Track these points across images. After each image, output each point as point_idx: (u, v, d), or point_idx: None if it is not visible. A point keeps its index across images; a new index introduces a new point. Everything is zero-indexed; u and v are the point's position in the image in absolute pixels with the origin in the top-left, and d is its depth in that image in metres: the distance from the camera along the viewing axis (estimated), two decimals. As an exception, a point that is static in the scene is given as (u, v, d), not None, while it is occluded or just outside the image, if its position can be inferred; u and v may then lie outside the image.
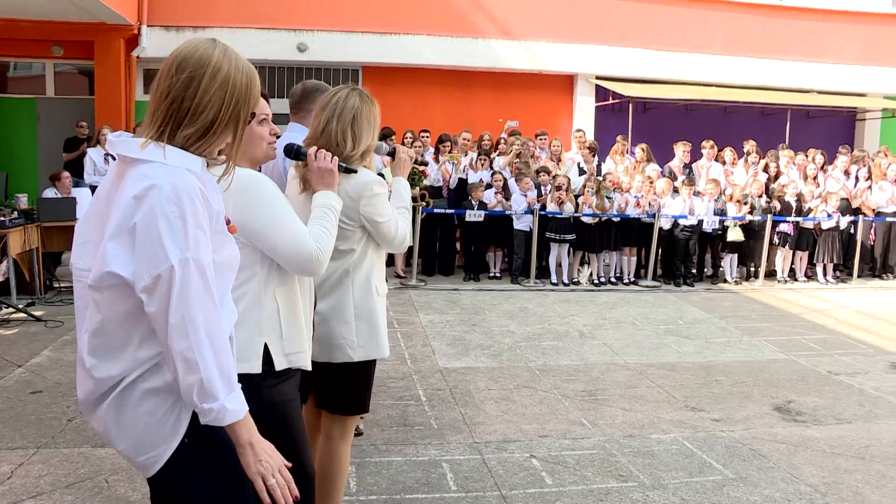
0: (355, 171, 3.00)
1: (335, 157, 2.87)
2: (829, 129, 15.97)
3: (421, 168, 10.07)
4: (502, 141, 11.71)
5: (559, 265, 10.61)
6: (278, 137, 2.75)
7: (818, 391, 6.22)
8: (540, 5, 13.93)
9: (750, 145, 12.28)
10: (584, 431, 5.08)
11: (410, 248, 10.20)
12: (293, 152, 2.95)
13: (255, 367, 2.46)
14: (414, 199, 9.98)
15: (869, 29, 15.84)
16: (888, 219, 11.87)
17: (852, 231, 11.80)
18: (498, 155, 11.39)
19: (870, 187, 12.04)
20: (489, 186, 10.70)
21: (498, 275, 10.83)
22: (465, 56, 13.66)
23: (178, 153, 1.87)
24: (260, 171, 2.81)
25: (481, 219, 10.28)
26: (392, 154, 3.45)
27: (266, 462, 1.90)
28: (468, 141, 11.31)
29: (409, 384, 5.96)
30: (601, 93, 14.28)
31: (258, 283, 2.49)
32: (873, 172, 12.18)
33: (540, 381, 6.17)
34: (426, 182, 10.42)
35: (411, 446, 4.72)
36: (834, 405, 5.88)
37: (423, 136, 11.22)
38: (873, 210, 11.99)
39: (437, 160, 11.05)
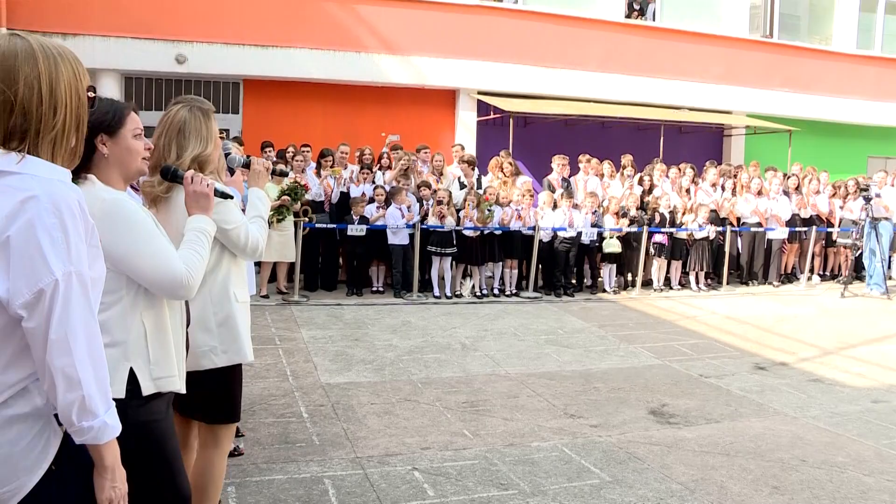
0: (231, 197, 3.02)
1: (211, 182, 2.82)
2: (699, 143, 16.75)
3: (303, 182, 9.97)
4: (384, 155, 11.70)
5: (441, 278, 10.67)
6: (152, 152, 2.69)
7: (690, 394, 6.46)
8: (423, 21, 14.05)
9: (626, 159, 12.72)
10: (466, 442, 5.10)
11: (292, 264, 10.06)
12: (169, 174, 2.92)
13: (118, 393, 2.35)
14: (296, 215, 9.86)
15: (731, 52, 16.75)
16: (752, 229, 12.53)
17: (721, 241, 12.37)
18: (380, 169, 11.37)
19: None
20: (371, 200, 10.66)
21: (381, 289, 10.80)
22: (347, 70, 13.58)
23: (46, 164, 1.78)
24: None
25: (363, 233, 10.23)
26: (247, 165, 3.53)
27: (118, 489, 1.84)
28: (345, 155, 11.23)
29: (291, 401, 5.85)
30: (483, 107, 14.49)
31: (123, 307, 2.41)
32: (738, 185, 12.84)
33: (422, 393, 6.17)
34: (308, 196, 10.29)
35: (293, 464, 4.63)
36: (704, 406, 6.12)
37: (304, 151, 11.07)
38: (738, 220, 12.63)
39: (318, 175, 10.93)
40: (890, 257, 13.19)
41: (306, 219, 10.06)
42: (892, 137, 19.63)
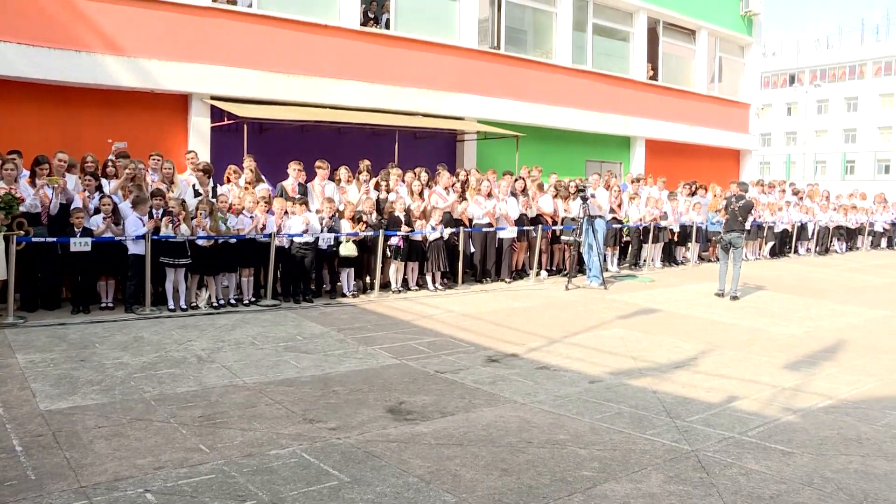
0: None
1: None
2: (434, 148, 17.47)
3: (17, 195, 9.13)
4: (110, 163, 11.01)
5: (176, 290, 10.24)
6: None
7: (426, 390, 6.73)
8: (151, 21, 13.36)
9: (362, 164, 12.94)
10: (202, 457, 4.96)
11: (5, 283, 9.15)
12: None
13: None
14: (9, 228, 9.01)
15: (463, 62, 17.67)
16: (483, 229, 13.27)
17: (455, 242, 12.97)
18: (105, 177, 10.70)
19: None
20: (97, 211, 10.00)
21: (110, 304, 10.15)
22: (66, 70, 12.51)
23: None
24: None
25: (88, 247, 9.56)
26: None
27: None
28: (64, 162, 10.37)
29: (1, 435, 5.33)
30: (217, 113, 14.07)
31: None
32: (469, 188, 13.55)
33: (156, 411, 5.90)
34: (22, 208, 9.42)
35: (0, 507, 4.23)
36: (440, 401, 6.41)
37: (11, 158, 10.03)
38: (471, 221, 13.33)
39: (33, 184, 10.01)
40: (605, 251, 14.57)
41: (21, 232, 9.21)
42: (605, 143, 21.77)
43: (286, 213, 11.02)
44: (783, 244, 20.46)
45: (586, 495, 4.52)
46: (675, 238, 17.28)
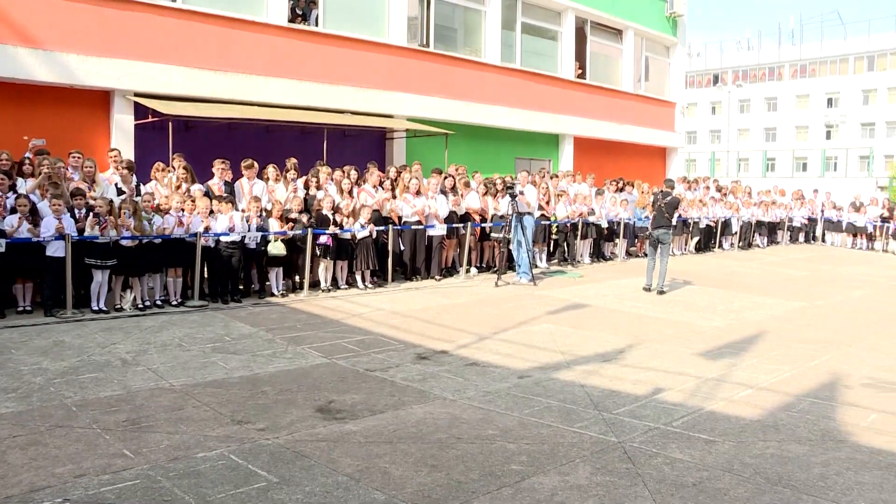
0: None
1: None
2: (363, 146, 17.38)
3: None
4: (27, 161, 10.64)
5: (100, 292, 9.95)
6: None
7: (356, 389, 6.70)
8: (69, 13, 12.91)
9: (290, 162, 12.80)
10: (127, 463, 4.84)
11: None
12: None
13: None
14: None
15: (392, 59, 17.62)
16: (413, 227, 13.26)
17: (385, 240, 12.93)
18: (21, 176, 10.34)
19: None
20: (13, 211, 9.65)
21: (28, 308, 9.79)
22: (-26, 63, 12.06)
23: None
24: None
25: (2, 248, 9.19)
26: None
27: None
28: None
29: None
30: (141, 110, 13.72)
31: None
32: (399, 186, 13.53)
33: (77, 417, 5.73)
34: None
35: None
36: (369, 399, 6.39)
37: None
38: (400, 219, 13.31)
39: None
40: (534, 248, 14.71)
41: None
42: (535, 141, 21.99)
43: (212, 212, 10.81)
44: (708, 239, 21.00)
45: (515, 489, 4.56)
46: (604, 234, 17.56)
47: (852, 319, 10.99)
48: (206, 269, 10.92)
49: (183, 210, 10.55)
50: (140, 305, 10.16)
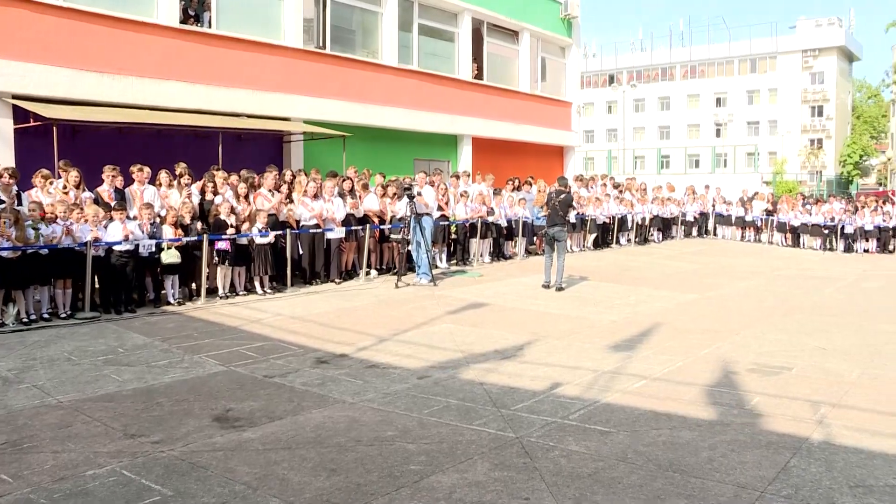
0: None
1: None
2: (259, 150, 17.10)
3: None
4: None
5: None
6: None
7: (255, 396, 6.61)
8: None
9: (181, 167, 12.49)
10: (5, 488, 4.61)
11: None
12: None
13: None
14: None
15: (288, 61, 17.42)
16: (311, 230, 13.15)
17: (283, 244, 12.76)
18: None
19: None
20: None
21: None
22: None
23: None
24: None
25: None
26: None
27: None
28: None
29: None
30: (22, 114, 13.12)
31: None
32: (296, 190, 13.38)
33: (-46, 439, 5.46)
34: None
35: None
36: (268, 406, 6.31)
37: None
38: (298, 223, 13.16)
39: None
40: (433, 249, 14.78)
41: None
42: (433, 142, 22.11)
43: (110, 219, 10.44)
44: (605, 235, 21.53)
45: (413, 489, 4.59)
46: (504, 233, 17.80)
47: (740, 309, 11.49)
48: (97, 279, 10.53)
49: (70, 219, 10.15)
50: (25, 319, 9.71)
